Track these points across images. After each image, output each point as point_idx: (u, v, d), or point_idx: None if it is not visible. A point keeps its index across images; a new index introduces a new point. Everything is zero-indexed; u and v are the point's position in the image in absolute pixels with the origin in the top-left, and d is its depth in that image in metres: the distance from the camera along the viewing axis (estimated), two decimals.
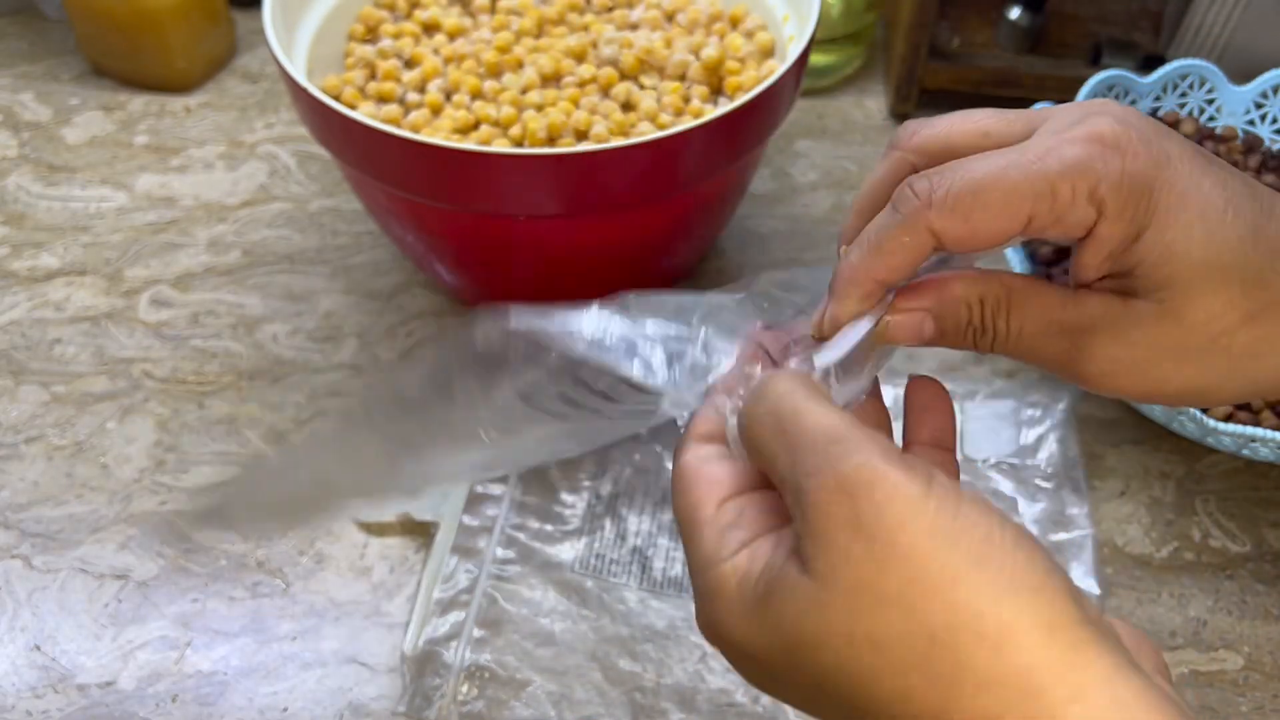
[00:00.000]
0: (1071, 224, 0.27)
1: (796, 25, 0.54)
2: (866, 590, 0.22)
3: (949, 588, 0.21)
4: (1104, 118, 0.27)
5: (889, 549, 0.22)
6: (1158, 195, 0.26)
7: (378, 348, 0.58)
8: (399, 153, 0.44)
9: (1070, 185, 0.26)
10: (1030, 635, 0.21)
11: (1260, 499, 0.52)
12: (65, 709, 0.44)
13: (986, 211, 0.26)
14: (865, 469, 0.22)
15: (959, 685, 0.21)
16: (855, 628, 0.22)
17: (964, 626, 0.21)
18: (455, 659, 0.45)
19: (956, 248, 0.27)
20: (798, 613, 0.23)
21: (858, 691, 0.22)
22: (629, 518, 0.50)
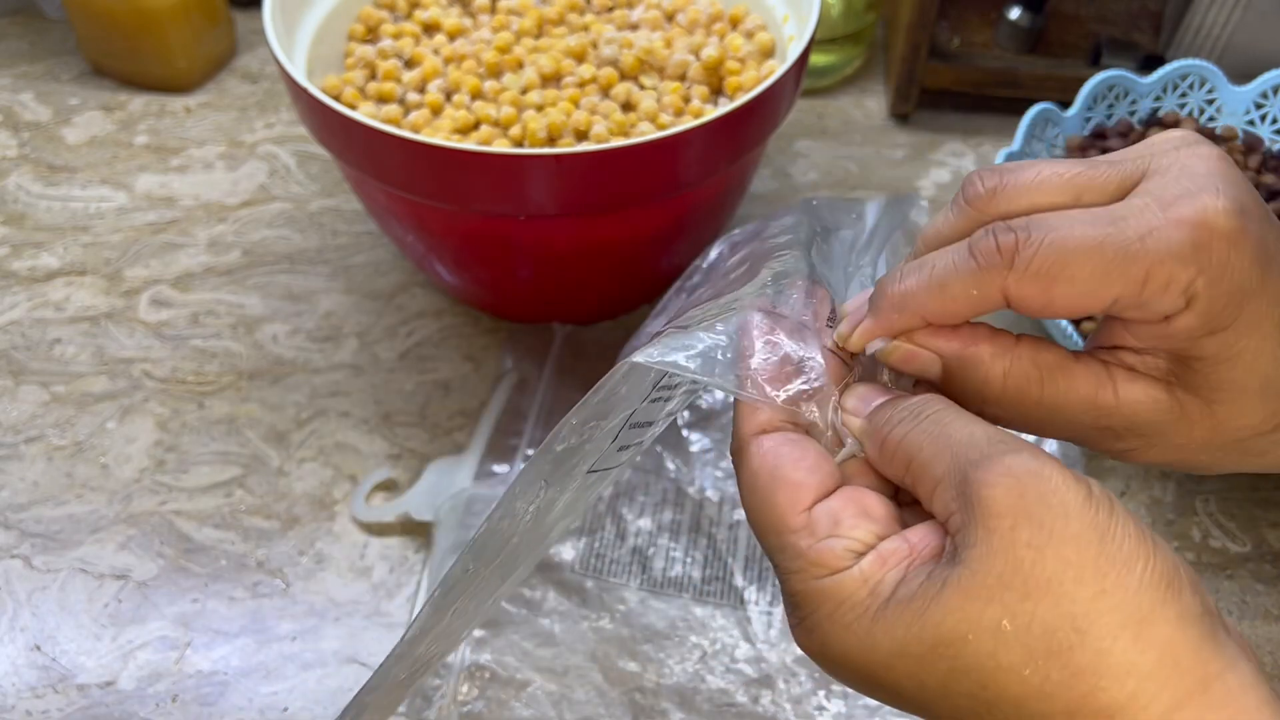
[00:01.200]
0: (1152, 313, 0.25)
1: (796, 25, 0.54)
2: (1024, 576, 0.22)
3: (1098, 578, 0.22)
4: (1218, 197, 0.24)
5: (1050, 535, 0.22)
6: (1248, 305, 0.25)
7: (378, 348, 0.58)
8: (399, 153, 0.44)
9: (1168, 274, 0.24)
10: (1167, 625, 0.22)
11: (1260, 499, 0.52)
12: (65, 709, 0.44)
13: (1071, 286, 0.25)
14: (1034, 462, 0.23)
15: (1098, 675, 0.22)
16: (1005, 616, 0.22)
17: (1110, 615, 0.22)
18: (455, 659, 0.45)
19: (1022, 313, 0.26)
20: (947, 608, 0.23)
21: (993, 686, 0.22)
22: (629, 518, 0.50)
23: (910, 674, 0.23)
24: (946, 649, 0.23)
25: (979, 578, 0.22)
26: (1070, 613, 0.22)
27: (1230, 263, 0.24)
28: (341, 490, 0.52)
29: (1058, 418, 0.27)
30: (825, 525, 0.25)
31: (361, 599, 0.48)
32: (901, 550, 0.24)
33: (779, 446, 0.26)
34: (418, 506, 0.50)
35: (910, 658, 0.23)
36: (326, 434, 0.54)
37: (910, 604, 0.23)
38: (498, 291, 0.57)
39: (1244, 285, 0.25)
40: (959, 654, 0.22)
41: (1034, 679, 0.22)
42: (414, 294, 0.60)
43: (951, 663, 0.23)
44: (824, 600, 0.24)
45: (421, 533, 0.50)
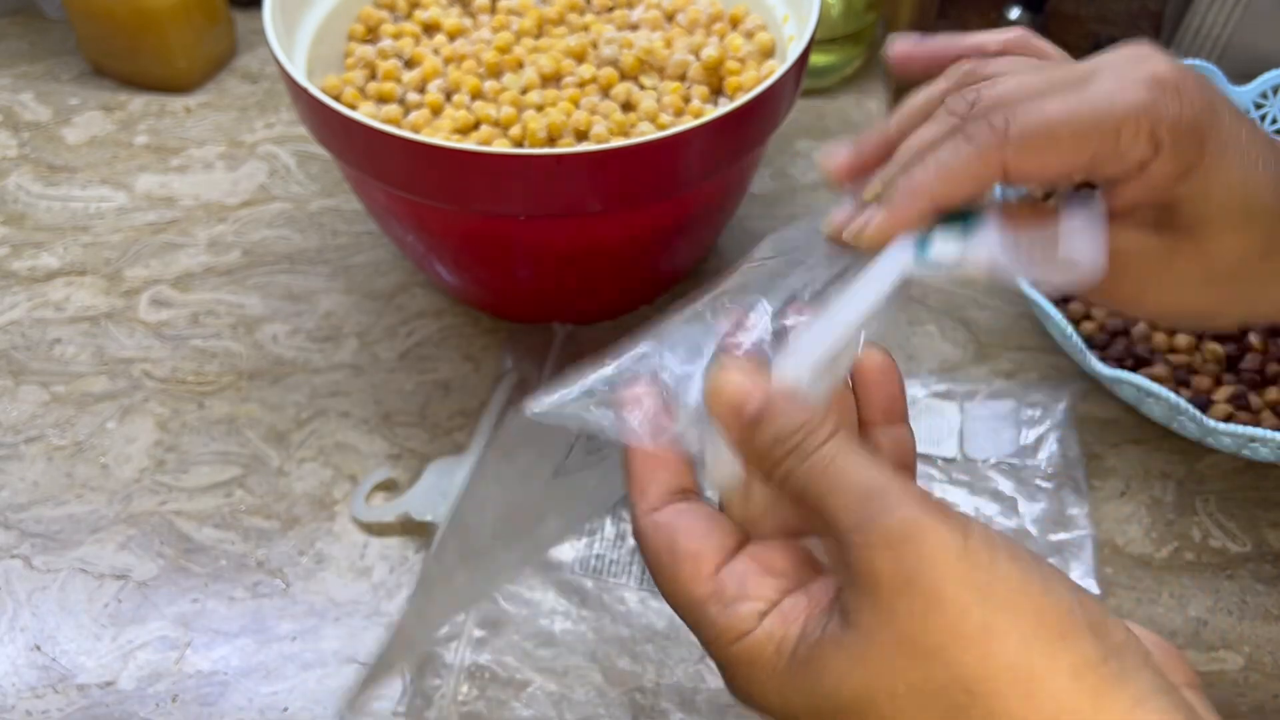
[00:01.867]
0: (1129, 162, 0.28)
1: (796, 25, 0.54)
2: (910, 644, 0.22)
3: (984, 639, 0.22)
4: (1160, 62, 0.29)
5: (931, 603, 0.22)
6: (1208, 139, 0.28)
7: (378, 348, 0.58)
8: (399, 153, 0.44)
9: (1135, 125, 0.28)
10: (1057, 680, 0.22)
11: (1260, 499, 0.52)
12: (65, 709, 0.44)
13: (1058, 151, 0.28)
14: (908, 523, 0.23)
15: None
16: (899, 682, 0.22)
17: (998, 676, 0.22)
18: (455, 659, 0.45)
19: (1019, 182, 0.29)
20: (843, 672, 0.23)
21: None
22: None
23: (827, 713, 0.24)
24: (852, 710, 0.23)
25: (870, 645, 0.23)
26: (959, 675, 0.22)
27: (1184, 107, 0.28)
28: (341, 490, 0.52)
29: None
30: (733, 589, 0.25)
31: (361, 599, 0.48)
32: (801, 604, 0.25)
33: (672, 520, 0.27)
34: (418, 506, 0.50)
35: (823, 712, 0.24)
36: (326, 434, 0.54)
37: (809, 665, 0.24)
38: (498, 291, 0.57)
39: (1199, 124, 0.28)
40: (865, 714, 0.23)
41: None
42: (414, 294, 0.60)
43: (855, 714, 0.23)
44: (739, 664, 0.25)
45: (421, 533, 0.50)
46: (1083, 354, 0.51)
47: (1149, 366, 0.53)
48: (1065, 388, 0.55)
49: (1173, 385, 0.52)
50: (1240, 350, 0.54)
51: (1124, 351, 0.54)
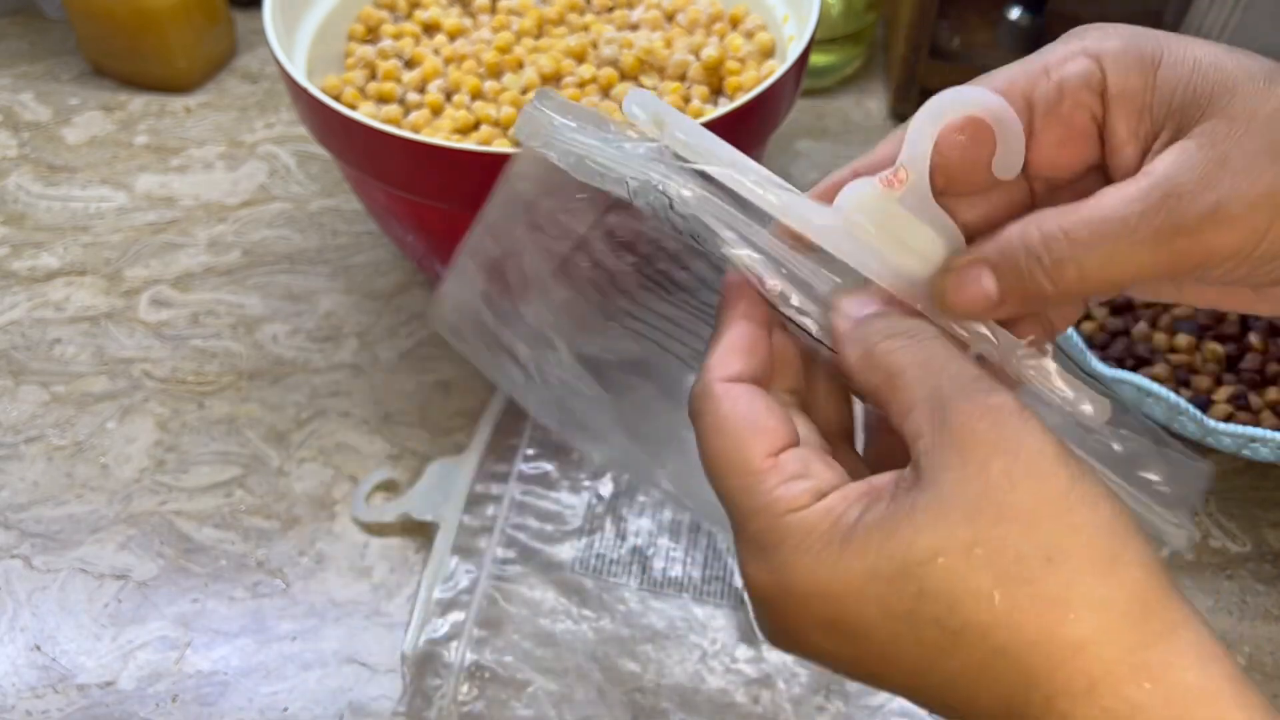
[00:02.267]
0: (1075, 86, 0.27)
1: (796, 25, 0.54)
2: (995, 503, 0.22)
3: (1070, 514, 0.22)
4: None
5: (1025, 469, 0.22)
6: (1154, 37, 0.27)
7: (378, 348, 0.58)
8: (399, 153, 0.44)
9: (1060, 52, 0.27)
10: (1137, 569, 0.22)
11: (1260, 499, 0.52)
12: (65, 709, 0.44)
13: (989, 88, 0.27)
14: (1013, 403, 0.23)
15: (1066, 607, 0.22)
16: (976, 537, 0.22)
17: (1079, 551, 0.22)
18: (455, 659, 0.45)
19: (957, 163, 0.27)
20: (917, 527, 0.23)
21: (961, 611, 0.22)
22: (629, 518, 0.50)
23: (879, 599, 0.23)
24: (917, 568, 0.22)
25: (952, 500, 0.23)
26: (1042, 543, 0.22)
27: (1114, 30, 0.27)
28: (341, 490, 0.52)
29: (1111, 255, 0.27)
30: (793, 468, 0.25)
31: (361, 599, 0.48)
32: (862, 489, 0.25)
33: (750, 395, 0.26)
34: (418, 506, 0.50)
35: (880, 580, 0.23)
36: (326, 434, 0.54)
37: (880, 525, 0.23)
38: None
39: (1138, 33, 0.27)
40: (929, 575, 0.22)
41: (1002, 605, 0.22)
42: (414, 294, 0.60)
43: (921, 584, 0.22)
44: (789, 534, 0.24)
45: (421, 533, 0.50)
46: (1083, 354, 0.51)
47: (1149, 366, 0.53)
48: None
49: (1173, 385, 0.52)
50: (1240, 350, 0.54)
51: (1124, 351, 0.54)
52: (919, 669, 0.23)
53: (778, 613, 0.25)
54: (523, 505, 0.50)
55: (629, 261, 0.31)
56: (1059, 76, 0.27)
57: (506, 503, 0.50)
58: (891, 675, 0.24)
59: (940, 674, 0.23)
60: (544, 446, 0.52)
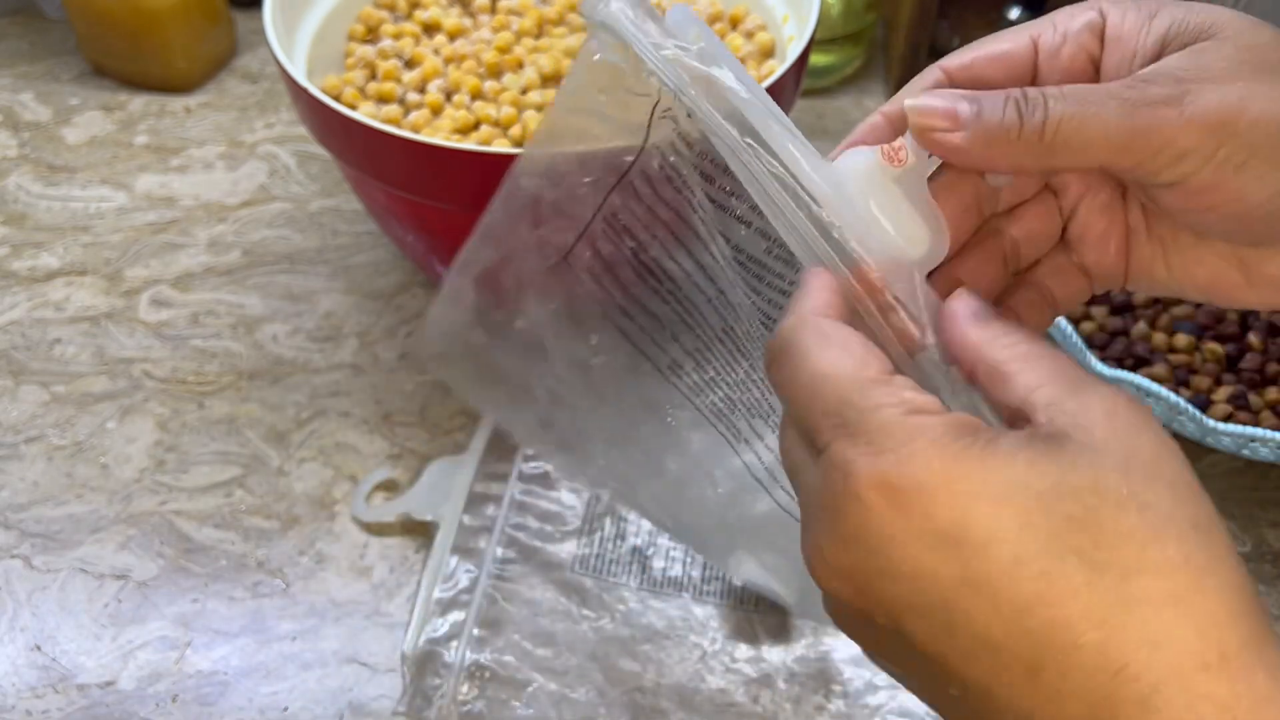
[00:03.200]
0: (1077, 30, 0.28)
1: (796, 25, 0.54)
2: (1144, 464, 0.22)
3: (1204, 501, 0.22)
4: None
5: (1167, 445, 0.23)
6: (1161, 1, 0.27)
7: (378, 348, 0.58)
8: (399, 153, 0.44)
9: (1073, 8, 0.28)
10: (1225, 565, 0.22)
11: (1260, 499, 0.52)
12: (65, 709, 0.44)
13: (989, 42, 0.29)
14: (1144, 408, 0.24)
15: (1213, 572, 0.22)
16: (1131, 489, 0.21)
17: (1220, 536, 0.22)
18: (455, 659, 0.45)
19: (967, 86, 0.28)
20: (1072, 459, 0.21)
21: (1107, 550, 0.21)
22: (629, 518, 0.50)
23: (1022, 510, 0.21)
24: (1075, 496, 0.21)
25: (1106, 450, 0.22)
26: (1191, 511, 0.22)
27: None
28: (341, 490, 0.52)
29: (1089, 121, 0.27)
30: (906, 387, 0.23)
31: (361, 599, 0.48)
32: (979, 422, 0.23)
33: (852, 329, 0.25)
34: (418, 506, 0.50)
35: (1029, 493, 0.21)
36: (326, 434, 0.54)
37: (1030, 445, 0.22)
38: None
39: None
40: (1086, 506, 0.21)
41: (1158, 556, 0.21)
42: (414, 294, 0.60)
43: (1075, 510, 0.21)
44: (924, 430, 0.22)
45: (421, 533, 0.50)
46: (1082, 354, 0.51)
47: (1149, 366, 0.53)
48: None
49: (1173, 385, 0.52)
50: (1240, 350, 0.54)
51: (1124, 351, 0.54)
52: (1029, 605, 0.21)
53: (881, 517, 0.22)
54: (523, 505, 0.50)
55: (627, 247, 0.31)
56: (1065, 26, 0.28)
57: (506, 502, 0.50)
58: (980, 618, 0.21)
59: (1045, 621, 0.20)
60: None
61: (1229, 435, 0.48)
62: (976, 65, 0.29)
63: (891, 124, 0.29)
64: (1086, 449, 0.22)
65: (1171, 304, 0.56)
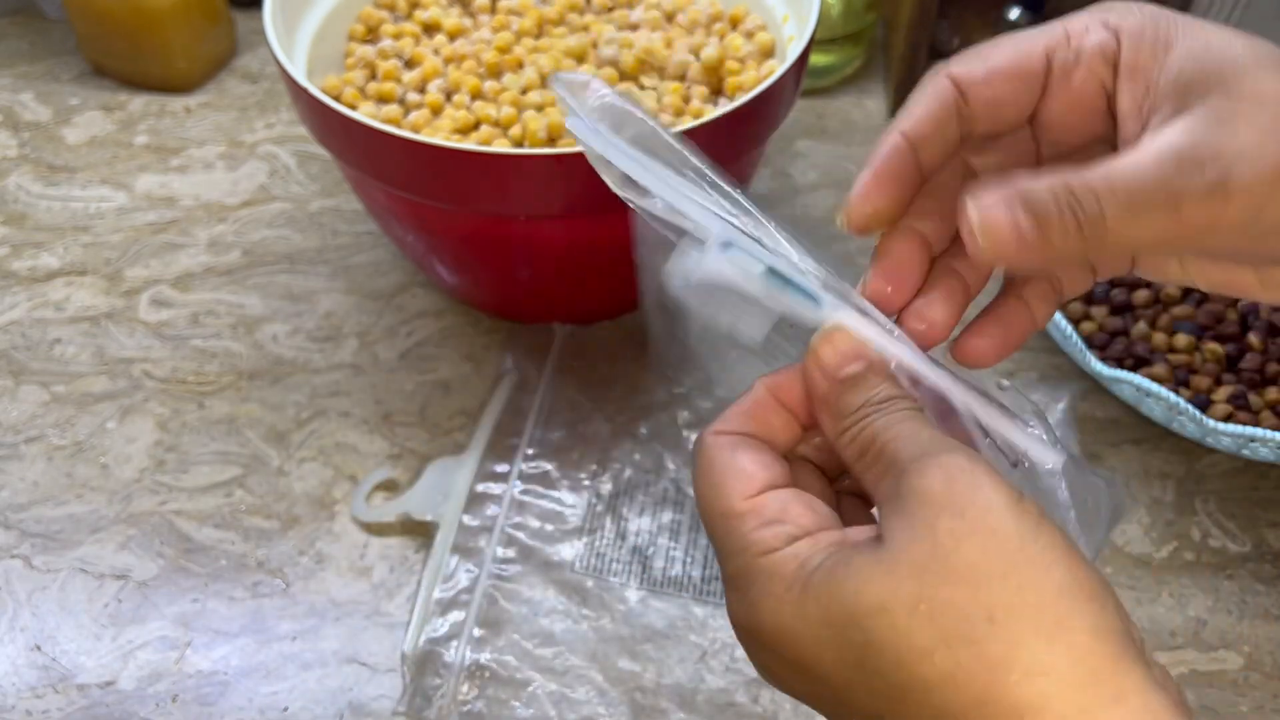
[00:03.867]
0: (1091, 54, 0.27)
1: (796, 25, 0.54)
2: (941, 561, 0.22)
3: (1016, 575, 0.22)
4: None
5: (973, 525, 0.23)
6: (1173, 20, 0.27)
7: (378, 348, 0.58)
8: (399, 153, 0.44)
9: (1082, 21, 0.28)
10: (1084, 634, 0.22)
11: (1260, 499, 0.52)
12: (65, 709, 0.44)
13: (1001, 49, 0.28)
14: (968, 462, 0.24)
15: (1008, 669, 0.22)
16: (922, 597, 0.22)
17: (1024, 613, 0.22)
18: (455, 659, 0.45)
19: (981, 103, 0.28)
20: (865, 580, 0.23)
21: (906, 667, 0.22)
22: (629, 517, 0.50)
23: (833, 645, 0.24)
24: (865, 620, 0.23)
25: (900, 556, 0.23)
26: (986, 603, 0.22)
27: (1134, 4, 0.28)
28: (341, 490, 0.52)
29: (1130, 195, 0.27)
30: (772, 511, 0.26)
31: (361, 599, 0.48)
32: (834, 538, 0.25)
33: (737, 444, 0.28)
34: (418, 506, 0.50)
35: (833, 627, 0.23)
36: (326, 434, 0.54)
37: (833, 572, 0.24)
38: (498, 291, 0.57)
39: (1156, 11, 0.28)
40: (875, 627, 0.23)
41: (946, 664, 0.22)
42: (414, 294, 0.60)
43: (868, 635, 0.23)
44: (758, 576, 0.25)
45: (421, 533, 0.50)
46: (1083, 354, 0.51)
47: (1149, 366, 0.53)
48: (1065, 387, 0.55)
49: (1172, 385, 0.52)
50: (1240, 350, 0.54)
51: (1124, 351, 0.54)
52: (873, 715, 0.24)
53: (753, 649, 0.26)
54: (523, 505, 0.50)
55: None
56: (1078, 44, 0.28)
57: (506, 502, 0.50)
58: (852, 718, 0.25)
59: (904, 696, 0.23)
60: (544, 446, 0.52)
61: (1229, 435, 0.48)
62: (992, 81, 0.28)
63: (913, 147, 0.28)
64: (887, 561, 0.23)
65: (1171, 304, 0.56)
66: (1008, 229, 0.25)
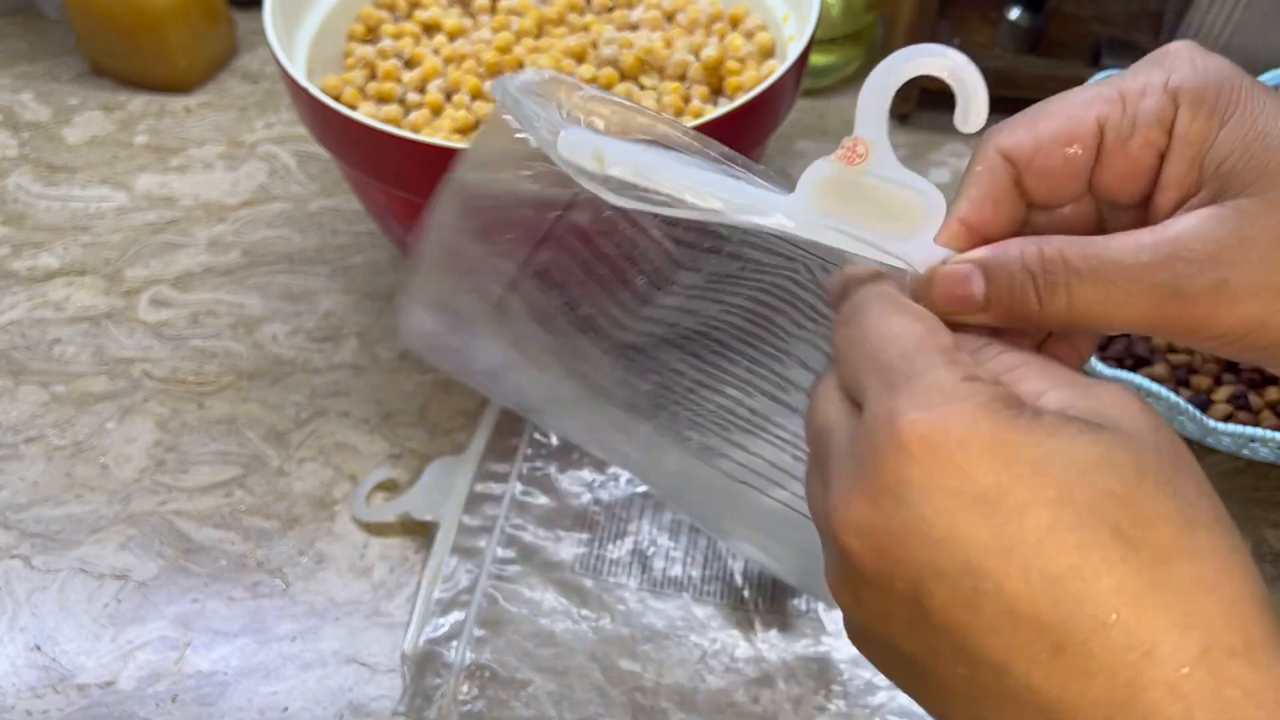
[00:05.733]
0: (1148, 123, 0.26)
1: (796, 25, 0.54)
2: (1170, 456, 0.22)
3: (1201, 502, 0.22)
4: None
5: (1184, 459, 0.22)
6: (1236, 87, 0.25)
7: (378, 348, 0.58)
8: (399, 153, 0.44)
9: (1142, 81, 0.26)
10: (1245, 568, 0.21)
11: (1260, 499, 0.52)
12: (65, 709, 0.44)
13: (1051, 118, 0.26)
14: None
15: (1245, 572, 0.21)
16: (1161, 473, 0.21)
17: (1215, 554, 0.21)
18: (455, 659, 0.45)
19: (1033, 176, 0.26)
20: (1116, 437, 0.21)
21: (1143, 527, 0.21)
22: (629, 518, 0.50)
23: (1063, 483, 0.21)
24: (1117, 473, 0.21)
25: (1138, 440, 0.22)
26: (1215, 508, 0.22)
27: (1196, 63, 0.26)
28: (341, 490, 0.52)
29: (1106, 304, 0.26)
30: (967, 360, 0.24)
31: (361, 599, 0.48)
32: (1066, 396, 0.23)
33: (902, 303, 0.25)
34: (418, 506, 0.50)
35: (1073, 466, 0.21)
36: (326, 434, 0.54)
37: (1078, 424, 0.22)
38: None
39: (1220, 74, 0.26)
40: (1126, 484, 0.21)
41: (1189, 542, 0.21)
42: None
43: (1116, 487, 0.21)
44: (975, 394, 0.22)
45: (421, 533, 0.50)
46: None
47: (1149, 366, 0.53)
48: None
49: (1173, 385, 0.52)
50: None
51: (1124, 351, 0.54)
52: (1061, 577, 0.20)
53: (921, 470, 0.21)
54: (523, 505, 0.50)
55: (558, 303, 0.31)
56: (1134, 111, 0.26)
57: (506, 503, 0.50)
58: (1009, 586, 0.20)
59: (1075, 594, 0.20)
60: (544, 446, 0.52)
61: (1229, 435, 0.48)
62: (1041, 155, 0.27)
63: (974, 232, 0.27)
64: (1122, 433, 0.21)
65: None
66: (950, 293, 0.26)
